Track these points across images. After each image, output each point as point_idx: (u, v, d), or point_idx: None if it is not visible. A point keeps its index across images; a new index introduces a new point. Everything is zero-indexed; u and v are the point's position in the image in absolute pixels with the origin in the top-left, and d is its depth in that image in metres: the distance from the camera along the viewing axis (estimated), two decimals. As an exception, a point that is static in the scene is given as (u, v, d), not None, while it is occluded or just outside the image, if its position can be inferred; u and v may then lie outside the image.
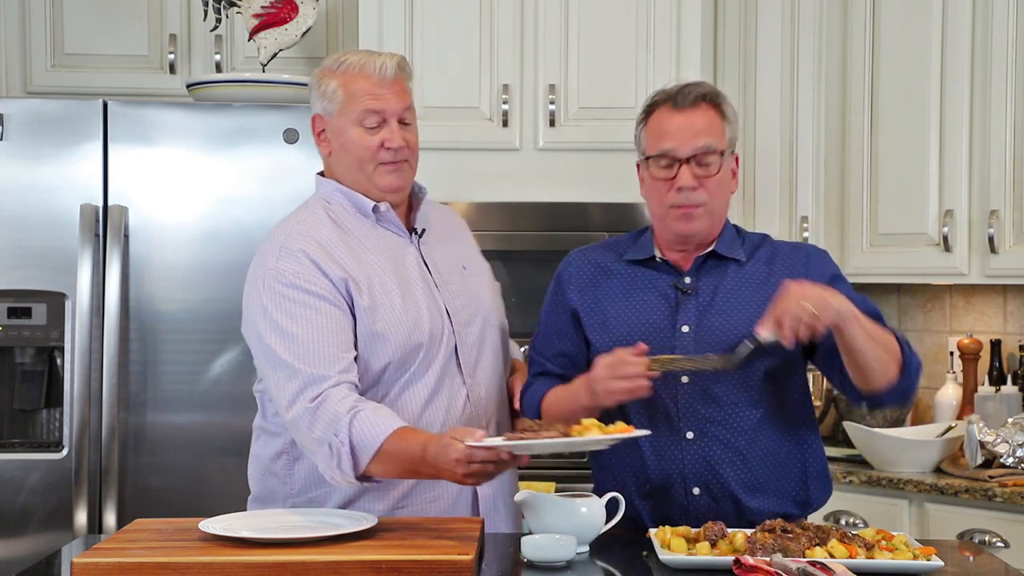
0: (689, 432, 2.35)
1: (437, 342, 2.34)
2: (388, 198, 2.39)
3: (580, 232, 3.59)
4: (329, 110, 2.38)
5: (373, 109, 2.35)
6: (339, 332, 2.25)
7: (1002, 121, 3.54)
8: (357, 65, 2.37)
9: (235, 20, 3.85)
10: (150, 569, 1.92)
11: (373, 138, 2.35)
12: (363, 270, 2.32)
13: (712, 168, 2.35)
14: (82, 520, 3.28)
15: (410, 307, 2.32)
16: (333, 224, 2.36)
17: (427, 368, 2.33)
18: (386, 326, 2.29)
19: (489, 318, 2.45)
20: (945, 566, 2.04)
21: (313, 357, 2.22)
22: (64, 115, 3.37)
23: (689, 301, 2.39)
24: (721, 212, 2.43)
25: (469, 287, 2.45)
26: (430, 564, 1.93)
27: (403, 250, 2.40)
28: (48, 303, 3.37)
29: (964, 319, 3.98)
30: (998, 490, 3.24)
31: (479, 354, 2.41)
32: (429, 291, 2.38)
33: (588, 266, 2.50)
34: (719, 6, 3.97)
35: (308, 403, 2.19)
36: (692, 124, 2.35)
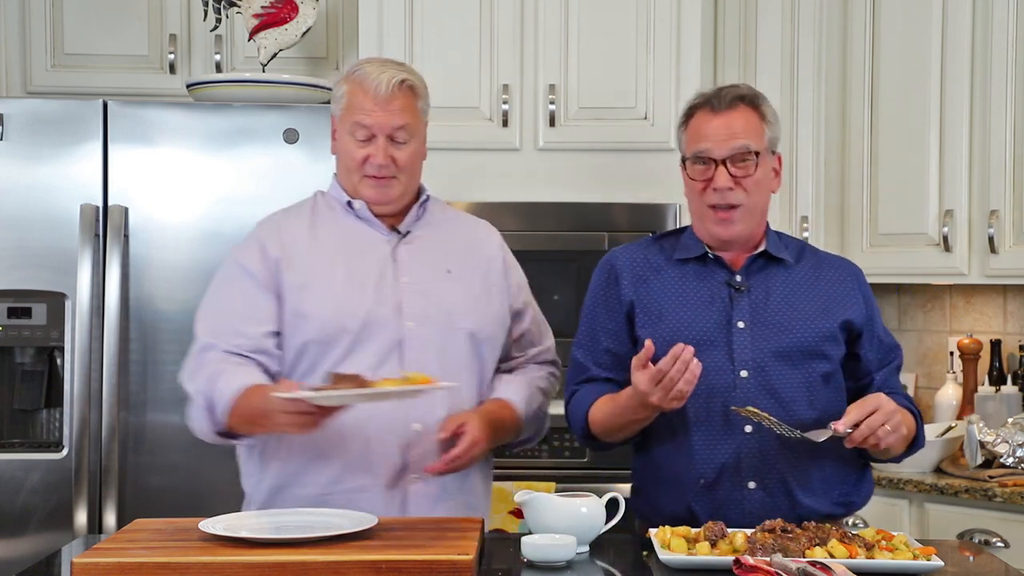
0: (748, 425, 2.36)
1: (374, 332, 2.37)
2: (375, 208, 2.47)
3: (580, 232, 3.59)
4: (336, 113, 2.48)
5: (363, 124, 2.41)
6: (251, 307, 2.39)
7: (1002, 121, 3.54)
8: (362, 76, 2.43)
9: (235, 20, 3.85)
10: (150, 569, 1.92)
11: (360, 151, 2.43)
12: (311, 253, 2.41)
13: (749, 168, 2.39)
14: (82, 520, 3.28)
15: (349, 294, 2.38)
16: (311, 212, 2.49)
17: (358, 355, 2.36)
18: (311, 307, 2.37)
19: (457, 322, 2.44)
20: (945, 566, 2.04)
21: (215, 327, 2.39)
22: (64, 115, 3.37)
23: (742, 298, 2.42)
24: (761, 212, 2.46)
25: (445, 290, 2.45)
26: (430, 564, 1.93)
27: (373, 244, 2.45)
28: (48, 303, 3.37)
29: (964, 319, 3.98)
30: (998, 490, 3.24)
31: (435, 355, 2.40)
32: (384, 285, 2.41)
33: (639, 260, 2.51)
34: (719, 6, 3.97)
35: (192, 362, 2.39)
36: (729, 126, 2.39)
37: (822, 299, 2.44)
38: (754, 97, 2.44)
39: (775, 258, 2.46)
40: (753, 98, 2.44)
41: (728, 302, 2.42)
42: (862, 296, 2.48)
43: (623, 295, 2.48)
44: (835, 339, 2.42)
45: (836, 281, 2.47)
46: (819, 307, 2.43)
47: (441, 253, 2.50)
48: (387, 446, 2.36)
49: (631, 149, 3.66)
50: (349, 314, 2.38)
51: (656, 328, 2.42)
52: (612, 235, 3.58)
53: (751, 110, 2.42)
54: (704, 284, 2.44)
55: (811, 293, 2.44)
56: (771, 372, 2.37)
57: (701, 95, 2.46)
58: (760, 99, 2.45)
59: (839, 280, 2.48)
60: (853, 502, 2.45)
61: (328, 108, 3.40)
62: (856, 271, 2.54)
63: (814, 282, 2.46)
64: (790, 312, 2.42)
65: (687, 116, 2.46)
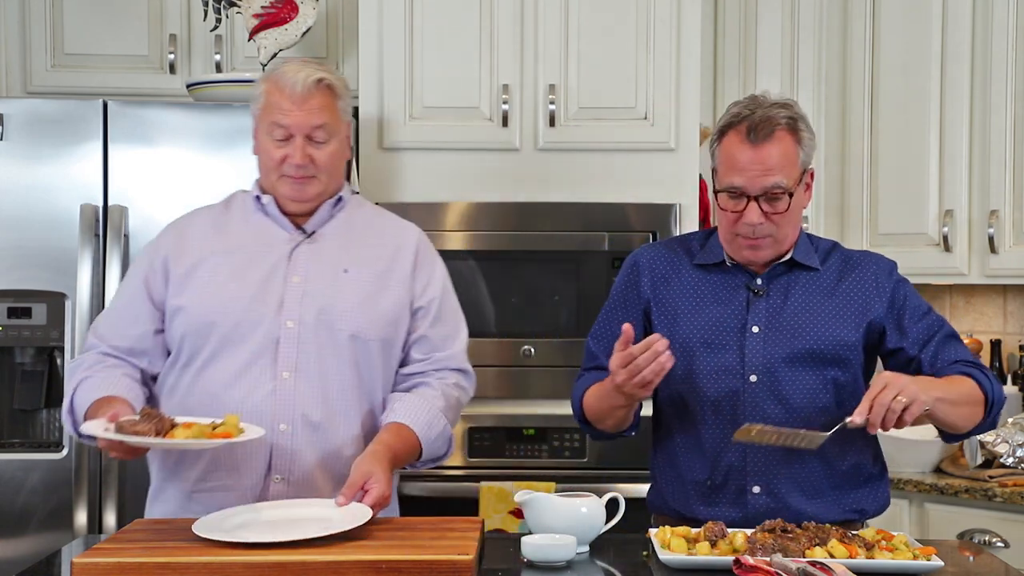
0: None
1: (248, 330, 2.36)
2: (290, 206, 2.45)
3: (580, 232, 3.59)
4: (255, 112, 2.46)
5: (280, 123, 2.39)
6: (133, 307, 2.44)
7: (1002, 121, 3.54)
8: (278, 76, 2.41)
9: (235, 20, 3.85)
10: (150, 569, 1.92)
11: (278, 151, 2.41)
12: (204, 248, 2.43)
13: (781, 205, 2.33)
14: (82, 520, 3.27)
15: (227, 289, 2.38)
16: (223, 208, 2.52)
17: (230, 351, 2.36)
18: (186, 299, 2.39)
19: (338, 323, 2.40)
20: (945, 566, 2.04)
21: (103, 325, 2.47)
22: (64, 115, 3.37)
23: (760, 303, 2.40)
24: (791, 235, 2.41)
25: (334, 290, 2.42)
26: (430, 564, 1.93)
27: (274, 242, 2.45)
28: (48, 303, 3.37)
29: (964, 319, 3.98)
30: (998, 490, 3.25)
31: (313, 356, 2.38)
32: (271, 283, 2.40)
33: (661, 260, 2.50)
34: (719, 6, 3.97)
35: (75, 360, 2.46)
36: (764, 161, 2.30)
37: (842, 304, 2.41)
38: (793, 121, 2.35)
39: (801, 264, 2.43)
40: (793, 122, 2.34)
41: (744, 306, 2.41)
42: (888, 289, 2.43)
43: (642, 293, 2.48)
44: (853, 346, 2.39)
45: (859, 283, 2.43)
46: (837, 313, 2.40)
47: (342, 253, 2.46)
48: (252, 446, 2.33)
49: (631, 149, 3.66)
50: (221, 309, 2.37)
51: (671, 329, 2.42)
52: (612, 235, 3.58)
53: (788, 135, 2.33)
54: (723, 287, 2.43)
55: (831, 298, 2.41)
56: (780, 377, 2.36)
57: (739, 112, 2.35)
58: (799, 120, 2.36)
59: (862, 281, 2.43)
60: (865, 510, 2.42)
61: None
62: (884, 267, 2.47)
63: (835, 286, 2.42)
64: (806, 317, 2.39)
65: (721, 133, 2.36)
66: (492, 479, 3.45)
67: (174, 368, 2.42)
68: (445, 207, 3.61)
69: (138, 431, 2.09)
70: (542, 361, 3.58)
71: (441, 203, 3.62)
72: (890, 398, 2.17)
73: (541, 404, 3.50)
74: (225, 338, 2.37)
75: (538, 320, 3.61)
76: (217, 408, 2.33)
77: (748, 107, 2.36)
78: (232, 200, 2.55)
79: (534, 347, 3.57)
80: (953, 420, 2.33)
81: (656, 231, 3.56)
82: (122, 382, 2.37)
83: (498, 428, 3.56)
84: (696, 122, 3.64)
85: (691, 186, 3.62)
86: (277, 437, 2.35)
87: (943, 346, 2.41)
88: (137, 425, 2.10)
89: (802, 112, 2.39)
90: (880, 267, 2.47)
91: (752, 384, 2.37)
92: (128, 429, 2.10)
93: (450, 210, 3.60)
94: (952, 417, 2.32)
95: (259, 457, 2.35)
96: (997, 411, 2.38)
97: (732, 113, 2.37)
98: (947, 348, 2.41)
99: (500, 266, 3.61)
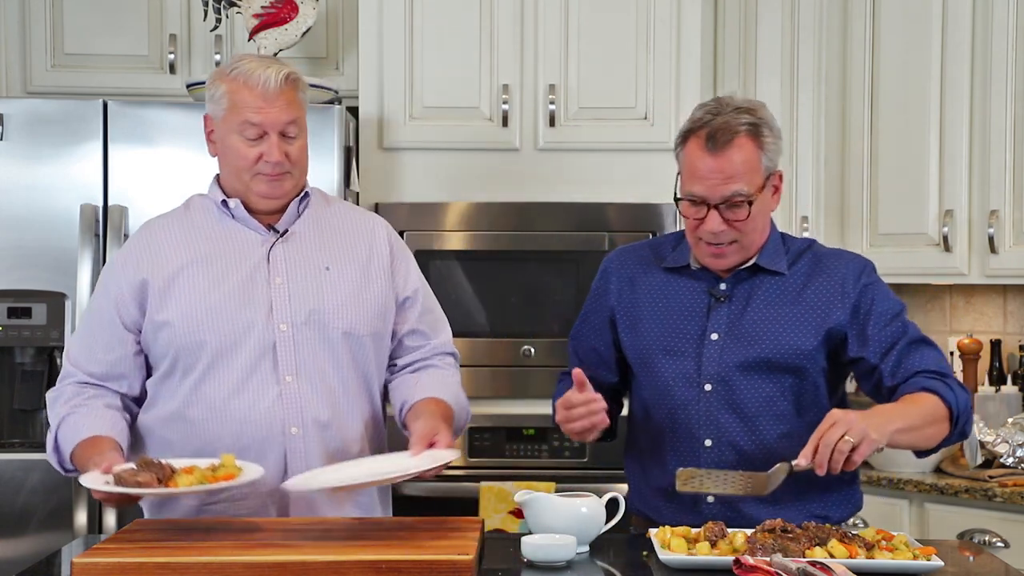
0: (708, 439, 2.35)
1: (242, 337, 2.34)
2: (264, 204, 2.41)
3: (580, 232, 3.60)
4: (216, 114, 2.39)
5: (253, 122, 2.35)
6: (106, 329, 2.39)
7: (1002, 121, 3.54)
8: (244, 74, 2.36)
9: (235, 20, 3.85)
10: (150, 569, 1.92)
11: (252, 150, 2.36)
12: (177, 258, 2.38)
13: (742, 212, 2.29)
14: (82, 520, 3.28)
15: (213, 298, 2.35)
16: (185, 217, 2.46)
17: (228, 362, 2.34)
18: (172, 314, 2.35)
19: (331, 322, 2.40)
20: (945, 566, 2.04)
21: (76, 351, 2.43)
22: (64, 115, 3.38)
23: (721, 308, 2.37)
24: (757, 240, 2.37)
25: (320, 289, 2.41)
26: (430, 564, 1.93)
27: (247, 245, 2.41)
28: (48, 303, 3.37)
29: (964, 319, 3.98)
30: (998, 490, 3.24)
31: (310, 357, 2.38)
32: (254, 287, 2.37)
33: (630, 265, 2.49)
34: (719, 6, 3.97)
35: (54, 390, 2.42)
36: (724, 169, 2.26)
37: (803, 310, 2.34)
38: (754, 125, 2.29)
39: (765, 268, 2.38)
40: (752, 127, 2.29)
41: (705, 313, 2.38)
42: (854, 295, 2.35)
43: (608, 301, 2.48)
44: (810, 353, 2.33)
45: (824, 288, 2.36)
46: (797, 319, 2.34)
47: (320, 250, 2.44)
48: (266, 452, 2.33)
49: (631, 149, 3.66)
50: (209, 322, 2.34)
51: (631, 335, 2.43)
52: (612, 235, 3.58)
53: (750, 141, 2.28)
54: (686, 292, 2.41)
55: (793, 304, 2.35)
56: (735, 386, 2.33)
57: (699, 116, 2.31)
58: (760, 127, 2.29)
59: (827, 286, 2.36)
60: (829, 516, 2.37)
61: (330, 109, 3.43)
62: (854, 269, 2.39)
63: (801, 291, 2.36)
64: (764, 324, 2.35)
65: (683, 138, 2.33)
66: (492, 479, 3.45)
67: (168, 380, 2.39)
68: (445, 207, 3.61)
69: (140, 482, 2.05)
70: (542, 361, 3.58)
71: (441, 203, 3.62)
72: (836, 438, 2.10)
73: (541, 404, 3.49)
74: (218, 350, 2.35)
75: (538, 320, 3.61)
76: (223, 418, 2.32)
77: (711, 111, 2.31)
78: (190, 206, 2.48)
79: (534, 347, 3.58)
80: (916, 444, 2.29)
81: (656, 231, 3.56)
82: (105, 417, 2.34)
83: (498, 428, 3.56)
84: (696, 122, 3.64)
85: (691, 186, 3.61)
86: (289, 441, 2.35)
87: (905, 355, 2.34)
88: (138, 475, 2.06)
89: (767, 116, 2.33)
90: (849, 270, 2.39)
91: (707, 393, 2.35)
92: (130, 481, 2.05)
93: (450, 210, 3.61)
94: (915, 442, 2.28)
95: (274, 463, 2.34)
96: (964, 421, 2.30)
97: (694, 119, 2.32)
98: (910, 357, 2.34)
99: (500, 266, 3.61)
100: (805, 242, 2.47)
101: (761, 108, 2.34)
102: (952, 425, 2.29)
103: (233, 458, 2.16)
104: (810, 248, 2.45)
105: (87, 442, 2.29)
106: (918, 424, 2.25)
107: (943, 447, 2.35)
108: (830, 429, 2.12)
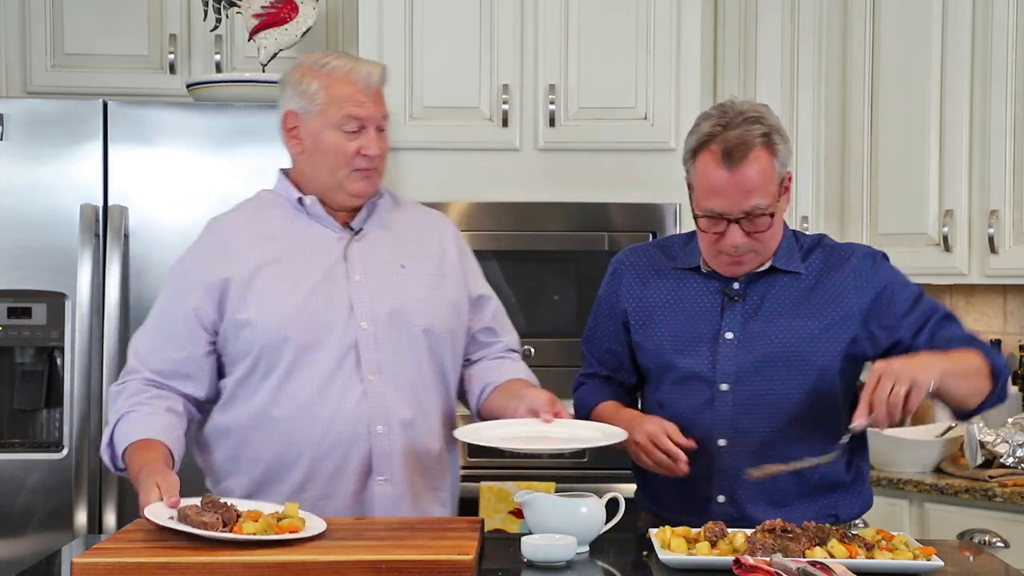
0: (722, 439, 2.35)
1: (324, 336, 2.34)
2: (353, 202, 2.42)
3: (580, 232, 3.60)
4: (307, 110, 2.39)
5: (356, 116, 2.36)
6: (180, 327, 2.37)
7: (1002, 121, 3.54)
8: (343, 70, 2.38)
9: (235, 20, 3.85)
10: (150, 569, 1.92)
11: (351, 144, 2.37)
12: (255, 256, 2.36)
13: (763, 223, 2.28)
14: (82, 520, 3.28)
15: (294, 297, 2.34)
16: (256, 214, 2.44)
17: (310, 361, 2.34)
18: (254, 314, 2.33)
19: (412, 319, 2.40)
20: (945, 566, 2.04)
21: (144, 348, 2.41)
22: (64, 115, 3.38)
23: (735, 308, 2.37)
24: (773, 246, 2.37)
25: (399, 287, 2.42)
26: (430, 564, 1.93)
27: (323, 244, 2.41)
28: (48, 303, 3.37)
29: (964, 319, 3.94)
30: (998, 490, 3.24)
31: (391, 354, 2.38)
32: (334, 286, 2.37)
33: (641, 264, 2.49)
34: (719, 6, 3.97)
35: (118, 384, 2.40)
36: (742, 184, 2.24)
37: (819, 306, 2.35)
38: (766, 135, 2.27)
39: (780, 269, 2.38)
40: (766, 137, 2.27)
41: (719, 312, 2.38)
42: (872, 283, 2.36)
43: (620, 302, 2.48)
44: (827, 349, 2.34)
45: (839, 281, 2.37)
46: (813, 315, 2.34)
47: (394, 249, 2.46)
48: (351, 450, 2.34)
49: (631, 149, 3.66)
50: (292, 320, 2.33)
51: (645, 335, 2.43)
52: (612, 235, 3.58)
53: (764, 152, 2.26)
54: (699, 292, 2.41)
55: (808, 300, 2.36)
56: (752, 385, 2.33)
57: (709, 130, 2.28)
58: (772, 135, 2.28)
59: (842, 279, 2.37)
60: (838, 515, 2.39)
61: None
62: (867, 261, 2.40)
63: (814, 287, 2.37)
64: (779, 322, 2.35)
65: (694, 152, 2.30)
66: (492, 479, 3.45)
67: (248, 380, 2.37)
68: (445, 207, 3.61)
69: (205, 523, 2.02)
70: (542, 361, 3.58)
71: (441, 203, 3.61)
72: (887, 390, 2.10)
73: (541, 404, 3.51)
74: (302, 348, 2.33)
75: (538, 320, 3.61)
76: (309, 417, 2.31)
77: (719, 122, 2.28)
78: (260, 202, 2.48)
79: (534, 347, 3.57)
80: (963, 394, 2.26)
81: (656, 231, 3.56)
82: (162, 421, 2.32)
83: (498, 428, 3.56)
84: (696, 122, 3.64)
85: (691, 186, 3.62)
86: (375, 440, 2.35)
87: (939, 328, 2.34)
88: (203, 515, 2.03)
89: (775, 121, 2.31)
90: (862, 260, 2.40)
91: (723, 392, 2.35)
92: (195, 520, 2.02)
93: (450, 210, 3.60)
94: (962, 390, 2.25)
95: (358, 462, 2.34)
96: (1004, 381, 2.31)
97: (703, 132, 2.29)
98: (944, 329, 2.34)
99: (500, 266, 3.61)
100: (815, 238, 2.48)
101: (768, 113, 2.32)
102: (993, 382, 2.28)
103: (296, 507, 2.14)
104: (820, 243, 2.45)
105: (140, 444, 2.28)
106: (962, 371, 2.25)
107: (984, 408, 2.34)
108: (879, 384, 2.11)
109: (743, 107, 2.32)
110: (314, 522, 2.11)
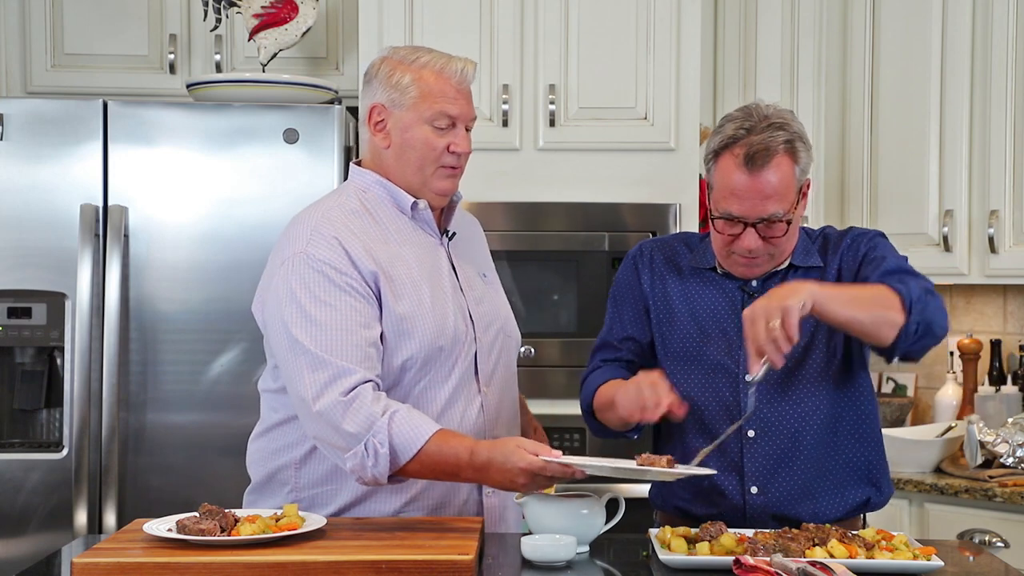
0: (751, 430, 2.35)
1: (460, 347, 2.31)
2: (438, 201, 2.37)
3: (580, 232, 3.59)
4: (398, 103, 2.32)
5: (449, 113, 2.31)
6: (366, 326, 2.20)
7: (1002, 121, 3.54)
8: (437, 65, 2.32)
9: (235, 20, 3.85)
10: (150, 569, 1.92)
11: (441, 140, 2.32)
12: (394, 264, 2.27)
13: (778, 229, 2.29)
14: (82, 520, 3.27)
15: (437, 307, 2.29)
16: (368, 214, 2.32)
17: (448, 372, 2.31)
18: (412, 324, 2.25)
19: (506, 329, 2.43)
20: (945, 566, 2.04)
21: (340, 348, 2.17)
22: (64, 115, 3.37)
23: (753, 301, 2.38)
24: (788, 249, 2.37)
25: (489, 295, 2.43)
26: (430, 564, 1.93)
27: (434, 250, 2.37)
28: (48, 303, 3.37)
29: (964, 319, 3.98)
30: (998, 490, 3.24)
31: (495, 364, 2.39)
32: (456, 294, 2.35)
33: (660, 257, 2.49)
34: (719, 6, 3.97)
35: (340, 396, 2.14)
36: (762, 189, 2.24)
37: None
38: (790, 141, 2.26)
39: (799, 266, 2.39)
40: (789, 144, 2.26)
41: (740, 307, 2.38)
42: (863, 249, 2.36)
43: (643, 288, 2.47)
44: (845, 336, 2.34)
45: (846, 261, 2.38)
46: None
47: (473, 256, 2.45)
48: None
49: (631, 149, 3.66)
50: (443, 331, 2.28)
51: (666, 330, 2.43)
52: (612, 235, 3.58)
53: (787, 159, 2.26)
54: (719, 289, 2.41)
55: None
56: (776, 373, 2.31)
57: (733, 133, 2.27)
58: (795, 141, 2.27)
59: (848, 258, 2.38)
60: (871, 499, 2.40)
61: (330, 109, 3.43)
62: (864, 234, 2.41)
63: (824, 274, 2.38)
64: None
65: (716, 153, 2.29)
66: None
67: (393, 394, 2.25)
68: (445, 207, 3.61)
69: (203, 530, 2.02)
70: (542, 361, 3.58)
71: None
72: (763, 329, 2.10)
73: (541, 404, 3.50)
74: (446, 361, 2.29)
75: (538, 320, 3.61)
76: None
77: (744, 125, 2.27)
78: (367, 200, 2.35)
79: (534, 347, 3.57)
80: (862, 321, 2.17)
81: (656, 231, 3.56)
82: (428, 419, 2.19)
83: (498, 428, 3.56)
84: (696, 122, 3.64)
85: (691, 186, 3.62)
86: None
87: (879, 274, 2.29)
88: (201, 523, 2.03)
89: (799, 127, 2.31)
90: (861, 237, 2.40)
91: (748, 386, 2.34)
92: (192, 529, 2.02)
93: (450, 210, 3.60)
94: (858, 317, 2.16)
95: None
96: (921, 308, 2.19)
97: (726, 134, 2.29)
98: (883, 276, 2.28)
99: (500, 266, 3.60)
100: (820, 230, 2.50)
101: (792, 119, 2.32)
102: (907, 313, 2.18)
103: (296, 507, 2.12)
104: (822, 234, 2.47)
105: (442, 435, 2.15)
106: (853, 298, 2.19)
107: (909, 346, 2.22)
108: (753, 326, 2.11)
109: (768, 111, 2.31)
110: (312, 520, 2.12)
